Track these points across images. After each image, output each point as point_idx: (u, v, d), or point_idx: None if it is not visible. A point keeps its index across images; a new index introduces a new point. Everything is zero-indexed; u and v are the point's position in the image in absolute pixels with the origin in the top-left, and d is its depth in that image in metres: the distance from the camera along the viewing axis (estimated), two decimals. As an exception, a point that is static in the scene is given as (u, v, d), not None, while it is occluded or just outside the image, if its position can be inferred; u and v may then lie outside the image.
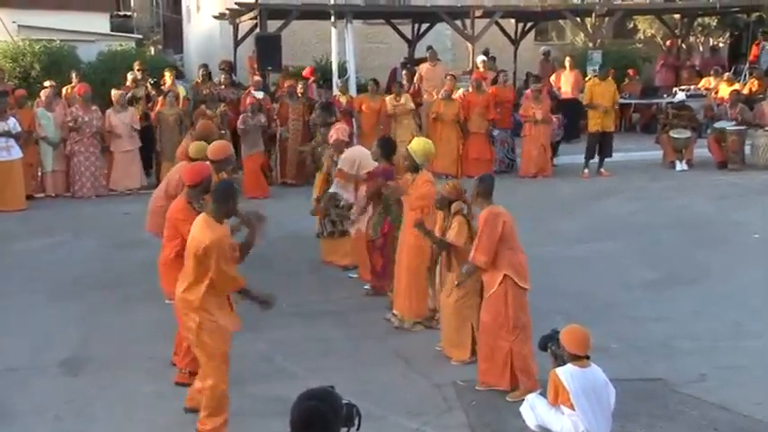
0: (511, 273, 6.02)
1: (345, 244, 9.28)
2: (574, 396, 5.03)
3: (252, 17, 17.53)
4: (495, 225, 5.99)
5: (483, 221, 6.03)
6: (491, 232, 5.98)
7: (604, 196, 13.23)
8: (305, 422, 3.06)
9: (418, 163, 7.37)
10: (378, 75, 17.45)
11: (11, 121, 12.60)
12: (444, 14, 17.92)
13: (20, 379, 6.54)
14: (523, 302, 6.15)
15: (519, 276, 6.05)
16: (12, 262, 9.99)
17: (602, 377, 5.19)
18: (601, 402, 5.10)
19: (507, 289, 6.04)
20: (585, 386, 5.06)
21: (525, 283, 6.11)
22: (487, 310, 6.19)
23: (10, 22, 18.53)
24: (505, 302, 6.05)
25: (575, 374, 5.08)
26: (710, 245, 10.25)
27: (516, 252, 6.11)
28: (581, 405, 5.02)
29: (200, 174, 6.33)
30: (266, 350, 7.13)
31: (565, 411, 5.11)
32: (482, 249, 6.01)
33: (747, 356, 6.87)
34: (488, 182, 6.28)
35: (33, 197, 13.25)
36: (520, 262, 6.11)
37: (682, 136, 15.35)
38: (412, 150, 7.38)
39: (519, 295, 6.09)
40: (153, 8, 38.50)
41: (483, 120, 14.74)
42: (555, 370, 5.19)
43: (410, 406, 6.00)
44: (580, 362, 5.12)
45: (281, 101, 14.54)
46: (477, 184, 6.26)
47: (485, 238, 6.00)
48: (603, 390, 5.15)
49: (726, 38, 24.46)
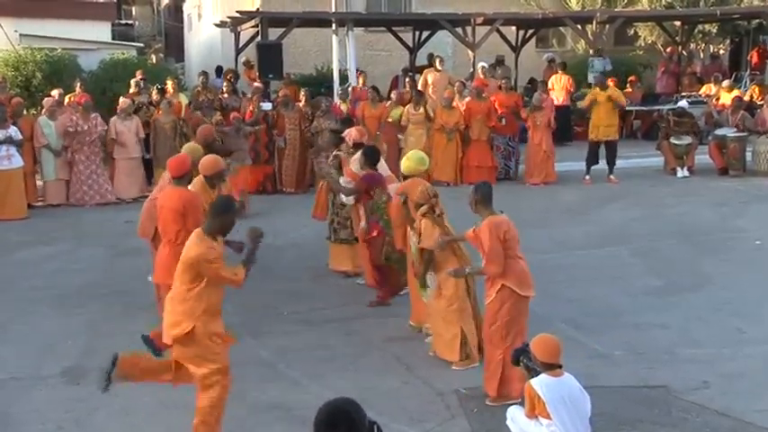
0: (510, 282, 6.01)
1: (347, 250, 9.30)
2: (550, 405, 4.97)
3: (253, 25, 17.59)
4: (497, 235, 5.99)
5: (486, 233, 6.02)
6: (496, 242, 5.97)
7: (606, 203, 13.23)
8: (331, 421, 3.08)
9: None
10: (379, 82, 17.51)
11: (11, 130, 12.62)
12: (445, 22, 17.97)
13: (22, 388, 6.53)
14: (522, 310, 6.13)
15: (521, 285, 6.05)
16: (14, 271, 9.99)
17: (577, 385, 5.13)
18: (578, 410, 5.06)
19: (504, 298, 6.04)
20: (561, 395, 5.01)
21: (528, 291, 6.10)
22: (486, 315, 6.22)
23: (12, 30, 18.53)
24: (500, 310, 6.05)
25: (549, 384, 5.02)
26: (712, 252, 10.24)
27: (517, 260, 6.10)
28: (558, 414, 4.97)
29: (184, 166, 6.58)
30: (268, 357, 7.13)
31: (543, 422, 5.07)
32: (492, 261, 6.00)
33: (750, 364, 6.85)
34: (485, 189, 6.26)
35: (34, 206, 13.27)
36: (522, 270, 6.10)
37: (683, 142, 15.35)
38: (405, 171, 7.71)
39: (516, 303, 6.07)
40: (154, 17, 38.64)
41: (484, 127, 14.76)
42: (529, 381, 5.12)
43: (412, 413, 5.99)
44: (553, 371, 5.06)
45: (278, 110, 14.57)
46: (473, 193, 6.24)
47: (492, 249, 5.98)
48: (579, 397, 5.10)
49: (726, 45, 24.50)
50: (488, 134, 14.84)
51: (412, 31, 20.91)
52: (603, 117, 14.62)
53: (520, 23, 21.15)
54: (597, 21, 18.96)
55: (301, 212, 12.74)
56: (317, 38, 20.55)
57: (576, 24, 19.78)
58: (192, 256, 5.28)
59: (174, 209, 6.82)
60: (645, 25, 23.15)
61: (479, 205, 6.20)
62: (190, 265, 5.30)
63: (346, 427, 3.08)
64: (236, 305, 8.50)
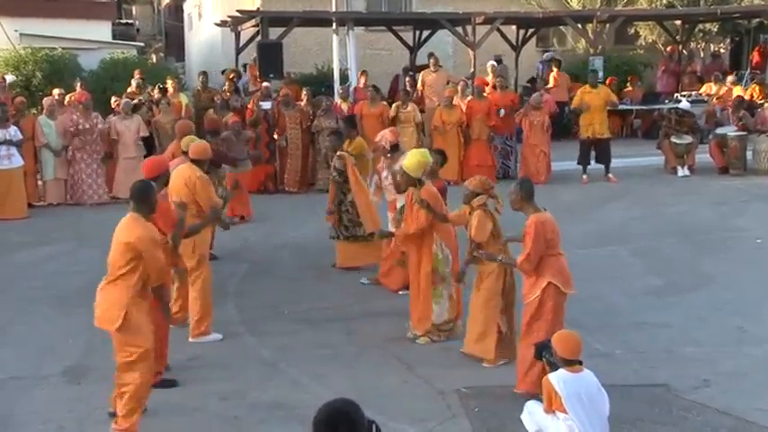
0: (556, 280, 6.01)
1: (357, 248, 9.39)
2: (566, 401, 5.00)
3: (253, 25, 17.58)
4: (542, 234, 5.97)
5: (532, 230, 5.97)
6: (539, 241, 5.95)
7: (606, 202, 13.23)
8: (331, 423, 3.09)
9: (415, 177, 7.29)
10: (379, 81, 17.51)
11: (11, 129, 12.62)
12: (446, 21, 17.96)
13: (23, 388, 6.53)
14: (563, 307, 6.14)
15: (564, 282, 6.06)
16: (14, 271, 9.98)
17: (595, 382, 5.16)
18: (595, 407, 5.07)
19: (548, 296, 6.03)
20: (578, 391, 5.04)
21: (570, 288, 6.11)
22: (526, 312, 6.15)
23: (12, 30, 18.56)
24: (543, 308, 6.04)
25: (567, 380, 5.05)
26: (713, 251, 10.24)
27: (560, 257, 6.10)
28: (574, 410, 5.00)
29: (159, 167, 6.56)
30: (268, 356, 7.13)
31: (560, 416, 5.09)
32: (529, 258, 5.98)
33: (751, 362, 6.86)
34: (528, 186, 6.22)
35: (35, 205, 13.26)
36: (565, 267, 6.12)
37: (683, 142, 15.35)
38: (406, 168, 7.32)
39: (560, 302, 6.09)
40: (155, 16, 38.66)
41: (484, 126, 14.75)
42: (547, 376, 5.17)
43: (413, 413, 5.98)
44: (572, 367, 5.10)
45: (278, 110, 14.58)
46: (519, 189, 6.15)
47: (532, 246, 5.95)
48: (597, 395, 5.12)
49: (727, 44, 24.49)
50: (488, 133, 14.84)
51: (412, 31, 20.91)
52: (594, 115, 14.65)
53: (520, 23, 21.14)
54: (598, 20, 18.95)
55: (302, 212, 12.76)
56: (317, 37, 20.54)
57: (577, 23, 19.77)
58: (137, 236, 5.44)
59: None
60: (645, 24, 23.14)
61: (524, 202, 6.13)
62: (130, 246, 5.44)
63: (346, 429, 3.08)
64: (237, 304, 8.55)
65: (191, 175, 7.40)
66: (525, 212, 6.14)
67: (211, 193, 7.51)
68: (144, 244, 5.48)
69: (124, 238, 5.52)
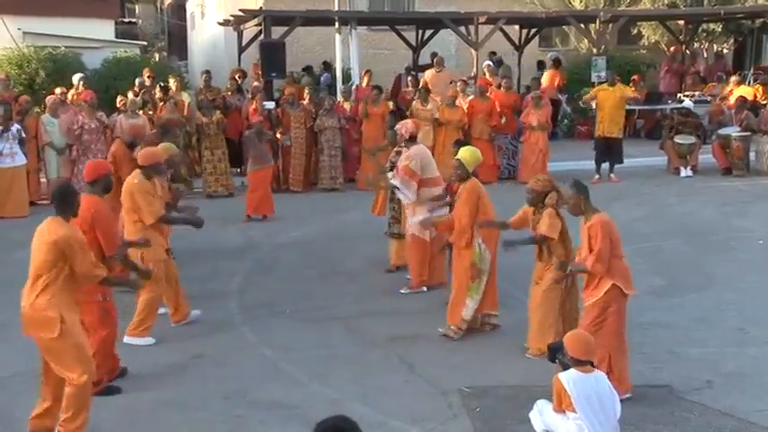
0: (620, 281, 5.99)
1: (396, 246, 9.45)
2: (576, 401, 5.01)
3: (256, 24, 17.56)
4: (610, 233, 5.96)
5: (599, 230, 5.94)
6: (607, 243, 5.93)
7: (609, 202, 13.11)
8: None
9: (469, 171, 7.46)
10: (382, 81, 17.48)
11: (14, 128, 12.62)
12: (448, 21, 17.94)
13: (23, 386, 6.52)
14: (625, 308, 6.13)
15: (627, 283, 6.05)
16: (14, 271, 9.94)
17: (606, 383, 5.16)
18: (605, 408, 5.07)
19: (613, 298, 6.00)
20: (588, 391, 5.04)
21: (632, 290, 6.10)
22: (587, 315, 6.10)
23: (15, 28, 18.60)
24: (608, 310, 6.00)
25: (576, 380, 5.05)
26: (715, 251, 10.22)
27: (621, 259, 6.09)
28: (583, 410, 5.00)
29: (97, 171, 6.42)
30: (270, 355, 7.12)
31: (570, 416, 5.09)
32: (601, 259, 5.93)
33: (753, 363, 6.84)
34: (584, 186, 6.20)
35: (37, 204, 13.26)
36: (626, 268, 6.11)
37: (686, 142, 15.32)
38: (463, 160, 7.45)
39: (623, 304, 6.08)
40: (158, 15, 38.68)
41: (485, 126, 14.72)
42: (557, 375, 5.16)
43: (414, 412, 5.97)
44: (583, 367, 5.10)
45: (283, 109, 14.57)
46: (576, 192, 6.10)
47: (603, 246, 5.92)
48: (607, 396, 5.12)
49: (730, 44, 24.46)
50: (489, 133, 14.80)
51: (415, 30, 20.88)
52: (606, 114, 14.67)
53: (523, 22, 21.10)
54: (601, 20, 18.91)
55: (306, 211, 12.77)
56: (319, 36, 20.54)
57: (580, 23, 19.74)
58: (61, 236, 5.35)
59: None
60: (648, 24, 23.11)
61: (585, 204, 6.10)
62: (56, 246, 5.36)
63: None
64: (239, 302, 8.55)
65: (129, 182, 7.31)
66: (585, 215, 6.09)
67: (150, 202, 7.21)
68: (67, 243, 5.37)
69: (47, 238, 5.41)
